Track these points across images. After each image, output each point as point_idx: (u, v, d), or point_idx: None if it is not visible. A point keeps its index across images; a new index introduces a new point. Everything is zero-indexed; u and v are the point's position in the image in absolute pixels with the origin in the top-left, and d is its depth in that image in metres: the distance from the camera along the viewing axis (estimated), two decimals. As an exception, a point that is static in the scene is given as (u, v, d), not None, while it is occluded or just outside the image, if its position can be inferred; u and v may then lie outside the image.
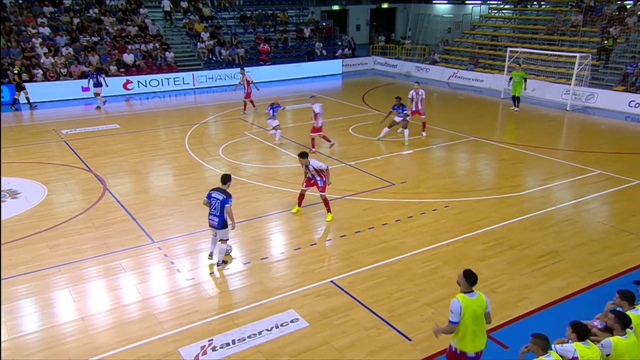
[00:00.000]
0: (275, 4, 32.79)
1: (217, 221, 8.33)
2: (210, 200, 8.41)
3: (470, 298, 5.35)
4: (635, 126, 17.45)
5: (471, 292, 5.41)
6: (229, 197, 8.29)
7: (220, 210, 8.27)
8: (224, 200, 8.24)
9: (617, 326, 5.39)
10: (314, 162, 10.07)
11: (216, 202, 8.32)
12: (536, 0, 27.70)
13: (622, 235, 9.47)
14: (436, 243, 9.24)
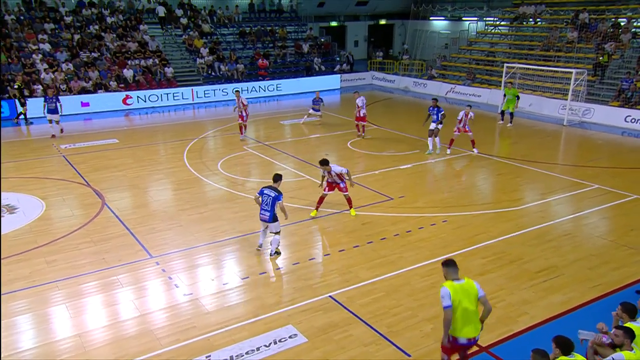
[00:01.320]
0: (274, 20, 33.15)
1: (269, 215, 9.09)
2: (262, 197, 9.19)
3: (457, 284, 5.42)
4: (632, 141, 17.54)
5: (458, 279, 5.48)
6: (281, 194, 9.15)
7: (272, 205, 9.04)
8: (275, 197, 9.06)
9: (627, 341, 5.38)
10: (335, 167, 10.73)
11: (268, 198, 9.12)
12: (532, 17, 28.02)
13: (622, 250, 9.46)
14: (435, 258, 9.21)
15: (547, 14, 27.40)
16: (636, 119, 18.78)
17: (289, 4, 34.66)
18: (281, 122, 20.87)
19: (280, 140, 17.83)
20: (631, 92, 19.91)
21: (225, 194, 12.65)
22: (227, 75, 27.14)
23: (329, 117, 21.36)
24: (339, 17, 39.26)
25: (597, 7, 25.07)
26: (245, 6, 33.02)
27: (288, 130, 19.60)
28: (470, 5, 34.90)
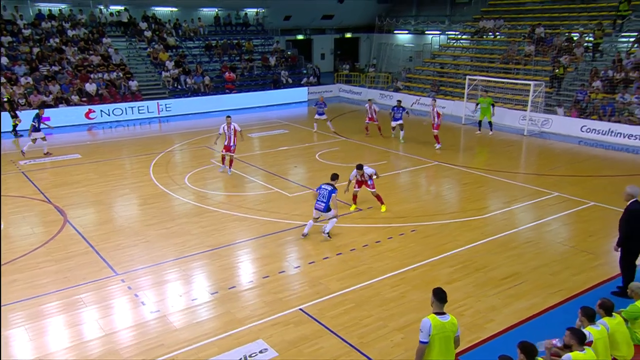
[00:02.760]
0: (241, 33, 33.16)
1: (324, 206, 10.43)
2: (319, 191, 10.61)
3: (441, 320, 5.40)
4: (588, 150, 18.27)
5: (443, 315, 5.46)
6: (336, 189, 10.53)
7: (328, 197, 10.38)
8: (332, 190, 10.45)
9: (574, 342, 5.56)
10: (367, 169, 12.01)
11: (325, 191, 10.50)
12: (491, 31, 28.97)
13: (581, 256, 9.80)
14: (404, 267, 9.32)
15: (505, 29, 28.38)
16: (591, 129, 19.58)
17: (255, 17, 34.75)
18: (248, 135, 20.79)
19: (248, 153, 17.74)
20: (586, 103, 20.76)
21: (193, 208, 12.48)
22: (193, 89, 26.90)
23: (297, 130, 21.43)
24: (305, 30, 39.59)
25: (552, 22, 26.15)
26: (211, 19, 32.91)
27: (256, 143, 19.54)
28: (432, 19, 35.80)
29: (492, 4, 31.23)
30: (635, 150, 17.83)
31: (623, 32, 23.41)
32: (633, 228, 7.97)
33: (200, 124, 23.08)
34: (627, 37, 23.18)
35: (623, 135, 18.65)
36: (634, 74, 20.33)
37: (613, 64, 21.35)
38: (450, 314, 5.54)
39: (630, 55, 21.36)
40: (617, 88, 20.46)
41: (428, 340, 5.33)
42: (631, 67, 20.69)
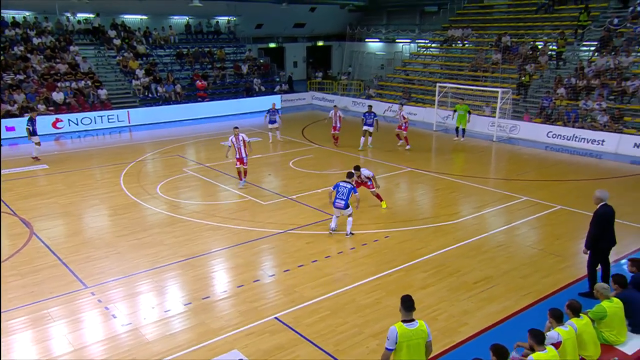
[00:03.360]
0: (212, 41, 32.97)
1: (344, 204, 10.69)
2: (338, 189, 10.82)
3: (408, 328, 5.39)
4: (554, 155, 18.79)
5: (411, 322, 5.46)
6: (355, 188, 10.97)
7: (347, 195, 10.68)
8: (352, 188, 10.84)
9: (532, 342, 5.70)
10: (364, 171, 12.49)
11: (344, 189, 10.78)
12: (460, 40, 29.60)
13: (550, 258, 10.04)
14: (379, 273, 9.36)
15: (473, 37, 29.04)
16: (557, 135, 20.16)
17: (226, 25, 34.63)
18: (222, 143, 20.63)
19: (221, 161, 17.59)
20: (551, 109, 21.39)
21: (165, 218, 12.28)
22: (164, 97, 26.57)
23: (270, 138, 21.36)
24: (277, 38, 39.66)
25: (517, 32, 26.90)
26: (182, 27, 32.64)
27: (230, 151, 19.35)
28: (402, 28, 36.39)
29: (459, 14, 31.95)
30: (598, 155, 18.43)
31: (584, 42, 24.26)
32: (602, 230, 8.22)
33: (172, 133, 22.79)
34: (587, 46, 24.03)
35: (586, 141, 19.26)
36: (595, 82, 21.06)
37: (576, 72, 22.08)
38: (421, 320, 5.56)
39: (591, 63, 22.13)
40: (580, 95, 21.15)
41: (394, 348, 5.35)
42: (592, 75, 21.42)
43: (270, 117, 20.22)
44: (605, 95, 20.33)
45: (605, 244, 8.34)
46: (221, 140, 21.04)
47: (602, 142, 18.87)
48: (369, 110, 19.08)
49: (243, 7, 33.98)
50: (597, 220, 8.22)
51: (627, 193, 11.10)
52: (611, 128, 19.11)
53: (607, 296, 6.69)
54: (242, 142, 14.09)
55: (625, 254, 9.68)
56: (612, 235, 8.33)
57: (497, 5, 30.80)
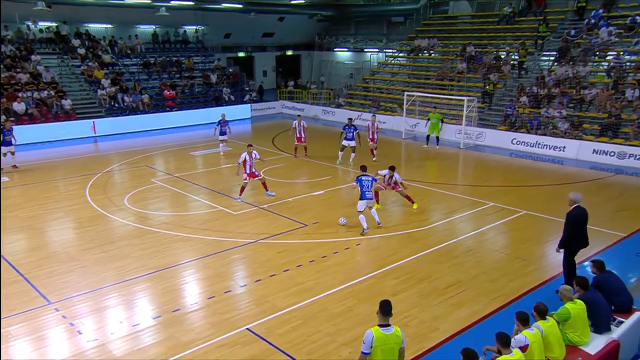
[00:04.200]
0: (180, 50, 32.64)
1: (372, 194, 11.55)
2: (361, 182, 11.58)
3: (384, 333, 5.46)
4: (518, 161, 19.31)
5: (387, 327, 5.52)
6: (375, 178, 12.09)
7: (371, 186, 11.51)
8: (373, 179, 11.76)
9: (499, 346, 5.83)
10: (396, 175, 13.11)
11: (367, 182, 11.58)
12: (426, 50, 30.20)
13: (516, 262, 10.27)
14: (350, 281, 9.38)
15: (439, 47, 29.68)
16: (521, 141, 20.75)
17: (194, 34, 34.36)
18: (191, 153, 20.39)
19: (191, 171, 17.38)
20: (515, 117, 22.01)
21: (133, 229, 12.01)
22: (131, 107, 26.09)
23: (240, 147, 21.20)
24: (246, 47, 39.58)
25: (481, 42, 27.66)
26: (149, 36, 32.22)
27: (199, 161, 19.17)
28: (370, 37, 36.92)
29: (425, 24, 32.61)
30: (560, 160, 19.04)
31: (544, 52, 25.12)
32: (576, 231, 8.54)
33: (139, 143, 22.40)
34: (547, 56, 24.89)
35: (549, 147, 19.88)
36: (556, 90, 21.80)
37: (537, 81, 22.81)
38: (396, 325, 5.62)
39: (551, 72, 22.92)
40: (542, 103, 21.85)
41: (369, 352, 5.40)
42: (553, 84, 22.18)
43: (222, 128, 19.71)
44: (565, 103, 21.06)
45: (578, 244, 8.69)
46: (190, 150, 20.80)
47: (563, 149, 19.50)
48: (349, 124, 17.90)
49: (211, 17, 33.83)
50: (571, 221, 8.53)
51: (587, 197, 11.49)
52: (571, 135, 19.79)
53: (570, 298, 6.89)
54: (254, 160, 14.12)
55: (588, 256, 9.99)
56: (585, 236, 8.68)
57: (461, 16, 31.60)
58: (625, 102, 19.52)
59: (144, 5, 28.99)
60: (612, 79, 20.71)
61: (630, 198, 14.37)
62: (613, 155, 18.14)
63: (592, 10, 24.16)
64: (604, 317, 7.09)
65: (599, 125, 19.68)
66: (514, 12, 27.83)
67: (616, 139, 18.88)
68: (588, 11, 24.67)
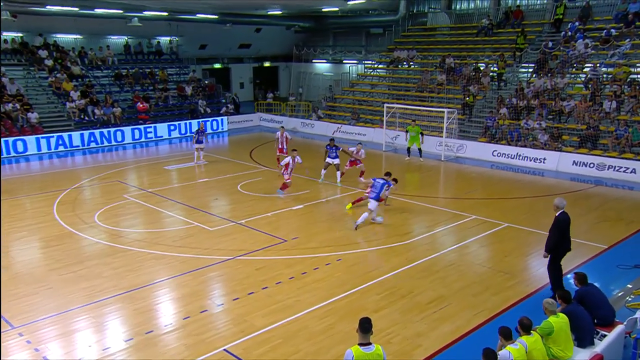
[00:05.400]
0: (154, 62, 32.47)
1: (375, 195, 12.89)
2: (374, 183, 13.00)
3: (365, 352, 5.43)
4: (499, 173, 19.66)
5: (368, 345, 5.50)
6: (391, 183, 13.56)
7: (380, 189, 12.90)
8: (385, 182, 13.12)
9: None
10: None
11: (377, 183, 12.98)
12: (405, 61, 30.68)
13: (499, 276, 10.40)
14: (331, 298, 9.36)
15: (418, 59, 30.21)
16: (501, 153, 21.15)
17: (168, 45, 34.25)
18: (165, 167, 20.20)
19: (165, 186, 17.19)
20: (495, 128, 22.45)
21: (104, 248, 11.79)
22: (102, 120, 25.76)
23: (217, 161, 21.12)
24: (222, 59, 39.61)
25: (460, 53, 28.22)
26: (120, 47, 31.99)
27: (174, 176, 18.99)
28: (349, 49, 37.33)
29: (404, 36, 33.17)
30: (540, 172, 19.45)
31: (522, 63, 25.79)
32: (562, 235, 9.01)
33: (111, 157, 22.09)
34: (526, 67, 25.56)
35: (529, 159, 20.30)
36: (535, 102, 22.35)
37: (516, 93, 23.36)
38: (377, 343, 5.61)
39: (530, 84, 23.51)
40: (521, 114, 22.35)
41: None
42: (532, 96, 22.74)
43: (199, 137, 20.42)
44: (545, 115, 21.59)
45: (564, 248, 9.15)
46: (164, 164, 20.60)
47: (543, 160, 19.94)
48: (332, 144, 17.55)
49: (185, 28, 33.81)
50: (558, 226, 8.99)
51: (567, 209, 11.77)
52: (551, 146, 20.25)
53: (553, 311, 6.99)
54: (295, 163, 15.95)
55: (570, 268, 10.18)
56: (569, 239, 9.16)
57: (440, 28, 32.25)
58: (602, 113, 20.10)
59: (115, 15, 28.80)
60: (590, 90, 21.33)
61: (610, 209, 14.73)
62: (592, 167, 18.61)
63: (568, 23, 24.94)
64: (587, 330, 7.21)
65: (578, 137, 20.21)
66: (492, 24, 28.53)
67: (595, 151, 19.40)
68: (565, 23, 25.46)
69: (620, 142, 18.80)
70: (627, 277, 10.24)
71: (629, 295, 9.41)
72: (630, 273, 10.37)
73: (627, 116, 19.59)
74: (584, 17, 24.61)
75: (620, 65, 21.33)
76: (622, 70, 21.08)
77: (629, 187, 17.14)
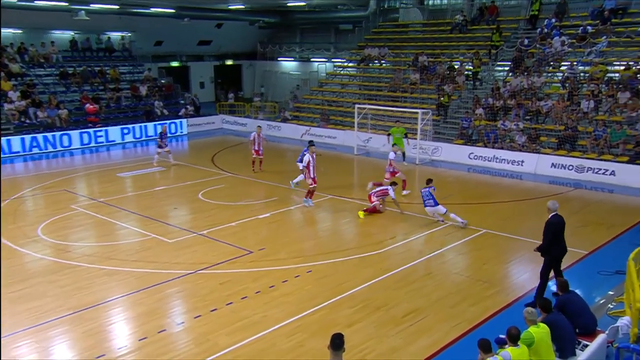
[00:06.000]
0: (104, 59, 31.88)
1: (433, 202, 13.86)
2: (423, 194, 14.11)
3: None
4: (476, 177, 20.06)
5: None
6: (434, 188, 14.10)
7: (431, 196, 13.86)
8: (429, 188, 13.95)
9: None
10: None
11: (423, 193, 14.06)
12: (377, 59, 31.04)
13: (477, 285, 10.59)
14: (301, 313, 9.33)
15: (390, 57, 30.61)
16: (478, 156, 21.60)
17: (120, 42, 33.69)
18: (118, 174, 19.81)
19: (118, 195, 16.85)
20: (471, 129, 22.93)
21: (49, 264, 11.46)
22: (46, 123, 25.07)
23: (175, 166, 20.84)
24: (180, 56, 39.23)
25: (433, 51, 28.77)
26: (66, 43, 31.28)
27: (128, 184, 18.64)
28: (317, 46, 37.57)
29: (375, 32, 33.59)
30: (518, 175, 19.94)
31: (498, 62, 26.47)
32: (555, 238, 9.39)
33: (57, 164, 21.53)
34: (502, 66, 26.23)
35: (507, 162, 20.80)
36: (511, 102, 22.94)
37: (492, 92, 23.93)
38: None
39: (506, 83, 24.13)
40: (498, 115, 22.90)
41: None
42: (508, 95, 23.33)
43: (163, 141, 20.66)
44: (522, 116, 22.18)
45: (558, 251, 9.51)
46: (117, 171, 20.22)
47: (521, 163, 20.46)
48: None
49: (138, 22, 33.32)
50: (551, 229, 9.38)
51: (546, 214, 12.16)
52: (529, 148, 20.82)
53: (533, 321, 7.14)
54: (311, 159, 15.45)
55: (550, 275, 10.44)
56: (564, 243, 9.51)
57: (412, 24, 32.79)
58: (580, 113, 20.79)
59: (60, 8, 28.14)
60: (567, 89, 22.04)
61: (590, 213, 15.21)
62: (572, 169, 19.21)
63: (544, 19, 25.72)
64: (569, 340, 7.40)
65: (556, 138, 20.83)
66: (466, 21, 29.16)
67: (574, 152, 20.02)
68: (540, 20, 26.24)
69: (599, 143, 19.45)
70: (608, 283, 10.56)
71: (611, 303, 9.70)
72: (612, 279, 10.69)
73: (605, 116, 20.30)
74: (560, 13, 25.44)
75: (596, 63, 22.12)
76: (599, 69, 21.88)
77: (608, 189, 17.76)
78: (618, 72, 21.79)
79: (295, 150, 24.33)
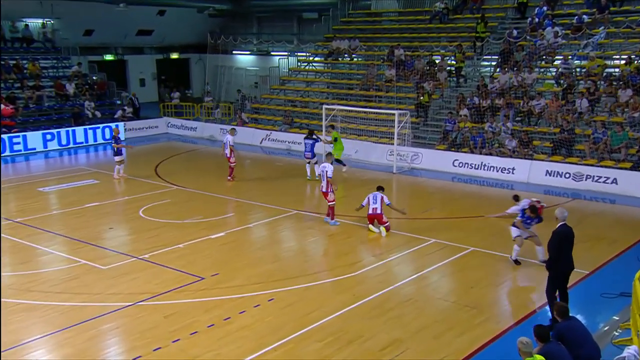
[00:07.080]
0: (21, 51, 31.24)
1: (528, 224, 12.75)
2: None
3: None
4: (461, 187, 20.36)
5: None
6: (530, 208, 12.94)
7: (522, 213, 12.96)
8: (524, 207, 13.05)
9: None
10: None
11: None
12: (347, 53, 31.31)
13: (464, 312, 10.69)
14: (262, 349, 9.24)
15: (362, 50, 30.95)
16: (463, 163, 21.90)
17: (40, 30, 33.01)
18: (40, 189, 19.33)
19: (40, 214, 16.44)
20: (455, 132, 23.27)
21: (-45, 298, 11.04)
22: (-49, 128, 24.36)
23: (111, 179, 20.48)
24: (115, 49, 38.82)
25: (411, 43, 29.22)
26: (-26, 33, 30.58)
27: (53, 200, 18.22)
28: (277, 38, 37.66)
29: (344, 22, 33.95)
30: (509, 184, 20.31)
31: (484, 55, 27.03)
32: (560, 250, 9.67)
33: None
34: (488, 60, 26.80)
35: (496, 169, 21.17)
36: (500, 101, 23.39)
37: (478, 90, 24.38)
38: None
39: (493, 79, 24.64)
40: (485, 116, 23.30)
41: None
42: (496, 94, 23.75)
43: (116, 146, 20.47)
44: (512, 117, 22.62)
45: (565, 266, 9.77)
46: (39, 185, 19.74)
47: (512, 170, 20.84)
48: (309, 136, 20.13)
49: (63, 7, 32.85)
50: (556, 239, 9.70)
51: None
52: (521, 154, 21.24)
53: (528, 352, 7.22)
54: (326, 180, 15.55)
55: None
56: (570, 257, 9.80)
57: (387, 13, 33.29)
58: (577, 114, 21.31)
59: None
60: (562, 87, 22.61)
61: (590, 227, 15.56)
62: (568, 177, 19.66)
63: (535, 8, 26.34)
64: (569, 374, 7.50)
65: (551, 142, 21.30)
66: (447, 9, 29.73)
67: (571, 158, 20.52)
68: (530, 8, 26.90)
69: (598, 148, 19.95)
70: (612, 307, 10.79)
71: (616, 330, 9.90)
72: (616, 302, 10.90)
73: (605, 117, 20.87)
74: (552, 0, 26.16)
75: (593, 57, 22.77)
76: (597, 63, 22.55)
77: (609, 200, 18.28)
78: (618, 67, 22.47)
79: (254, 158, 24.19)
